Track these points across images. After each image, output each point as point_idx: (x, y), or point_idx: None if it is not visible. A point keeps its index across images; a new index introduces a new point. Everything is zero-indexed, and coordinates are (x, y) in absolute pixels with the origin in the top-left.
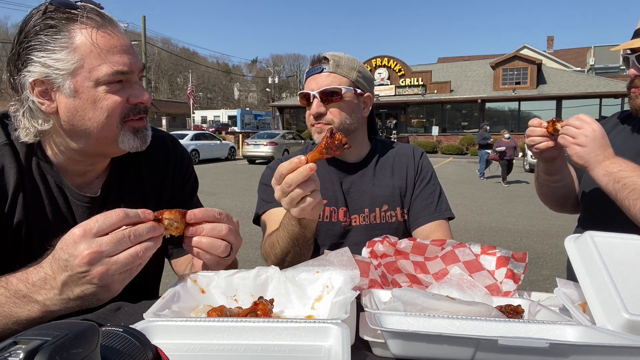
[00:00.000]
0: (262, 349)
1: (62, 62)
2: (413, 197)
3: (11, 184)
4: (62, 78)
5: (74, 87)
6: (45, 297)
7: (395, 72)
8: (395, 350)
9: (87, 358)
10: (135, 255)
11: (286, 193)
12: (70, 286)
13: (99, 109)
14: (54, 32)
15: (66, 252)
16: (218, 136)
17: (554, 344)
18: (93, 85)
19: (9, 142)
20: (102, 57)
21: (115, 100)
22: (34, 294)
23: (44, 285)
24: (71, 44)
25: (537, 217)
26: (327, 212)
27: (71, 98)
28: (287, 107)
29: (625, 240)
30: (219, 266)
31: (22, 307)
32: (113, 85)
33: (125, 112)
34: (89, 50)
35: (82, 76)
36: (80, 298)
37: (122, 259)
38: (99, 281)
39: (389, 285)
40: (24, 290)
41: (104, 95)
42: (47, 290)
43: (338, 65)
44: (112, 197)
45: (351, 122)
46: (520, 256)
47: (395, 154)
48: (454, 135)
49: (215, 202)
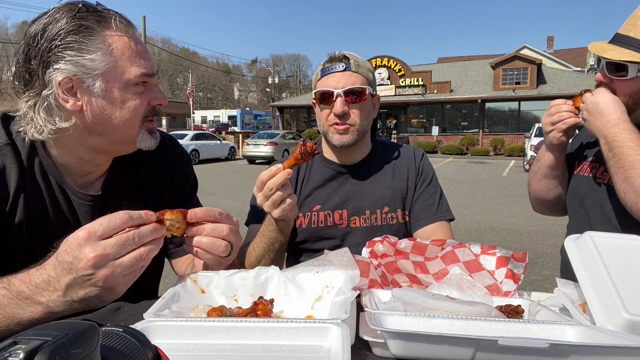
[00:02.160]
0: (262, 349)
1: (96, 62)
2: (414, 199)
3: (12, 184)
4: (92, 78)
5: (104, 87)
6: (48, 298)
7: (395, 72)
8: (395, 351)
9: (87, 358)
10: (140, 258)
11: (268, 197)
12: (74, 288)
13: (125, 109)
14: (88, 33)
15: (70, 255)
16: (218, 136)
17: (554, 344)
18: (122, 87)
19: (11, 141)
20: (131, 61)
21: (141, 102)
22: (36, 295)
23: (47, 287)
24: (107, 46)
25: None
26: (322, 217)
27: (100, 97)
28: (287, 107)
29: (625, 240)
30: (220, 266)
31: (24, 309)
32: (138, 87)
33: (146, 113)
34: (121, 53)
35: (113, 77)
36: (84, 300)
37: (127, 262)
38: (104, 284)
39: (389, 285)
40: (26, 292)
41: (131, 97)
42: (50, 292)
43: (359, 64)
44: (112, 196)
45: (367, 124)
46: (520, 256)
47: (396, 156)
48: (454, 135)
49: (215, 202)
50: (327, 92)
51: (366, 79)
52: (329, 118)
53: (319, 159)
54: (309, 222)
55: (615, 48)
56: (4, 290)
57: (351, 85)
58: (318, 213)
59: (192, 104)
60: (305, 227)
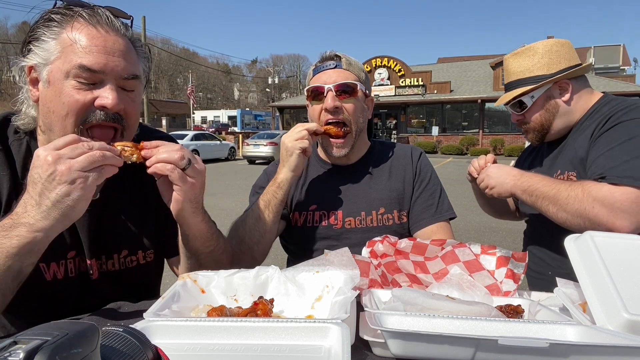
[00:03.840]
0: (262, 348)
1: (47, 52)
2: (412, 200)
3: (5, 191)
4: (43, 67)
5: (47, 77)
6: (28, 217)
7: (395, 72)
8: (395, 350)
9: (87, 358)
10: (93, 158)
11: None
12: (45, 194)
13: (60, 103)
14: (52, 24)
15: (34, 169)
16: (218, 136)
17: (554, 344)
18: (63, 78)
19: (3, 148)
20: (79, 53)
21: (77, 98)
22: (19, 219)
23: (25, 208)
24: (58, 36)
25: None
26: (317, 216)
27: (45, 88)
28: (287, 107)
29: (625, 240)
30: (186, 185)
31: (11, 237)
32: (82, 84)
33: (86, 115)
34: (70, 44)
35: (57, 67)
36: (58, 204)
37: (82, 159)
38: (67, 177)
39: (389, 285)
40: (9, 222)
41: (68, 91)
42: (28, 211)
43: (350, 63)
44: (112, 200)
45: (362, 123)
46: (520, 256)
47: (393, 156)
48: (454, 136)
49: (215, 203)
50: (318, 87)
51: (358, 77)
52: (321, 116)
53: (315, 158)
54: (304, 221)
55: (507, 94)
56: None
57: (343, 80)
58: (313, 213)
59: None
60: (301, 226)
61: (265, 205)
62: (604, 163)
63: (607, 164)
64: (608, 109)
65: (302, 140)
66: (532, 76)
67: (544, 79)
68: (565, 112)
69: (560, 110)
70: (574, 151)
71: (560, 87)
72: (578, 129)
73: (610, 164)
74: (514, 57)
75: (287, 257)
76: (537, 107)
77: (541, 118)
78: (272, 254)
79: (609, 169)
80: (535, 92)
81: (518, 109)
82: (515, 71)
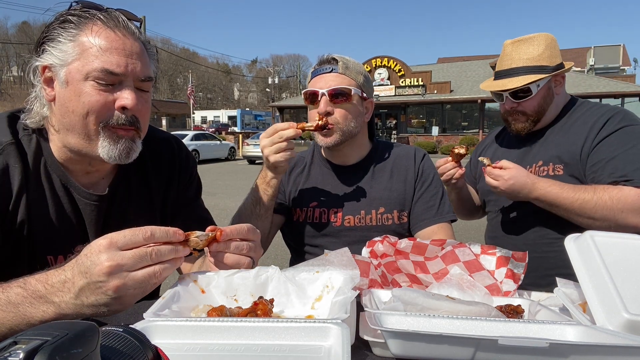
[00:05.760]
0: (262, 349)
1: (65, 53)
2: (414, 201)
3: (16, 183)
4: (60, 67)
5: (65, 78)
6: (61, 299)
7: (395, 72)
8: (395, 350)
9: (87, 358)
10: (153, 274)
11: (274, 143)
12: (86, 292)
13: (80, 103)
14: (68, 26)
15: (89, 259)
16: (218, 136)
17: (554, 344)
18: (82, 79)
19: (15, 141)
20: (98, 55)
21: (98, 99)
22: (51, 295)
23: (62, 287)
24: (76, 38)
25: None
26: (317, 213)
27: (63, 88)
28: (287, 107)
29: (625, 240)
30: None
31: (37, 308)
32: (102, 85)
33: (108, 116)
34: (89, 46)
35: (75, 68)
36: (94, 306)
37: (139, 276)
38: (114, 293)
39: (389, 285)
40: (42, 291)
41: (89, 91)
42: (64, 293)
43: (347, 67)
44: (119, 197)
45: (355, 126)
46: (520, 256)
47: (396, 157)
48: (454, 136)
49: (215, 202)
50: (313, 92)
51: (355, 80)
52: (315, 118)
53: (318, 157)
54: (305, 217)
55: (514, 78)
56: (20, 289)
57: (336, 85)
58: (314, 209)
59: (192, 104)
60: (302, 222)
61: (255, 202)
62: (622, 165)
63: (626, 167)
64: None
65: (284, 153)
66: (539, 65)
67: (549, 70)
68: (555, 104)
69: (553, 102)
70: (561, 146)
71: (556, 81)
72: (563, 124)
73: (630, 167)
74: (519, 44)
75: (290, 258)
76: (538, 96)
77: (539, 107)
78: (272, 254)
79: (633, 171)
80: (541, 81)
81: (517, 97)
82: (521, 58)
